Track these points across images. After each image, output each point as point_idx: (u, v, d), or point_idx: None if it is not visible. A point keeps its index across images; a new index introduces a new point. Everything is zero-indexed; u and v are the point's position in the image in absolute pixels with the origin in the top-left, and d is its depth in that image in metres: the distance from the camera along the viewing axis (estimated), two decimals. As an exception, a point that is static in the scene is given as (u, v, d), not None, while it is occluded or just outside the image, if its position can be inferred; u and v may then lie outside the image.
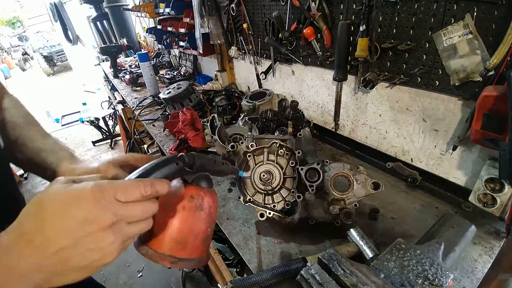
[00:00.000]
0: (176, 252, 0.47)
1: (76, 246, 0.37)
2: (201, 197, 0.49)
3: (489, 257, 0.81)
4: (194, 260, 0.49)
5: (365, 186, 0.85)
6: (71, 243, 0.36)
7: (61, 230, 0.36)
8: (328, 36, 1.22)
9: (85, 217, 0.37)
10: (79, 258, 0.37)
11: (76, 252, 0.37)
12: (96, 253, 0.38)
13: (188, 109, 1.55)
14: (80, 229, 0.37)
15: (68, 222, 0.37)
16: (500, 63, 0.75)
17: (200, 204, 0.49)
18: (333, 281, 0.62)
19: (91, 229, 0.37)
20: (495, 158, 0.88)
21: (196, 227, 0.48)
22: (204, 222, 0.50)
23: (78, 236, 0.37)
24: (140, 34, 4.02)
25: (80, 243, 0.37)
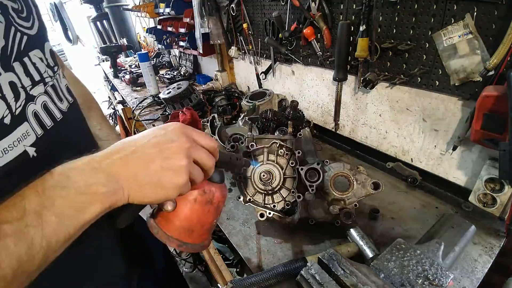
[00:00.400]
0: (183, 237, 0.53)
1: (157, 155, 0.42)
2: (212, 192, 0.54)
3: (489, 257, 0.81)
4: (198, 245, 0.55)
5: (365, 186, 0.85)
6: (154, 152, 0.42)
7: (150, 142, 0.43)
8: (328, 36, 1.22)
9: (166, 134, 0.44)
10: (156, 166, 0.42)
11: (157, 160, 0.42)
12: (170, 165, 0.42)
13: (188, 109, 1.55)
14: (164, 140, 0.43)
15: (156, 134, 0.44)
16: (500, 63, 0.75)
17: (211, 198, 0.53)
18: (333, 281, 0.62)
19: (170, 143, 0.43)
20: (495, 158, 0.88)
21: (203, 218, 0.54)
22: (211, 215, 0.55)
23: (161, 144, 0.43)
24: (140, 34, 4.02)
25: (161, 152, 0.42)
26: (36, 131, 0.46)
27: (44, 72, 0.50)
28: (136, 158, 0.41)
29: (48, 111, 0.50)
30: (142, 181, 0.41)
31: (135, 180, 0.41)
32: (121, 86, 2.85)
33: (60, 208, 0.35)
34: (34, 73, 0.48)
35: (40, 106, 0.48)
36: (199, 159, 0.47)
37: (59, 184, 0.36)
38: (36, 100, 0.47)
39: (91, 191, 0.37)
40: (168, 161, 0.42)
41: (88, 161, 0.39)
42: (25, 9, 0.48)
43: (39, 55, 0.50)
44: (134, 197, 0.41)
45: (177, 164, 0.43)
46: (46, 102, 0.50)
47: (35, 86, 0.47)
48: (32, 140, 0.45)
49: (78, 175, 0.37)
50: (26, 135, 0.44)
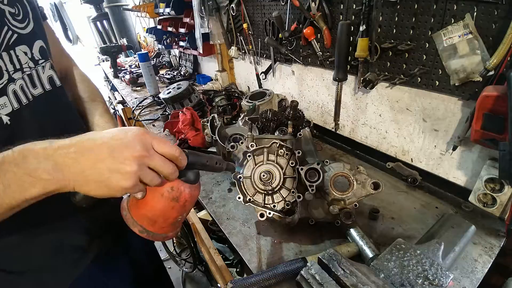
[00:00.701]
0: (146, 225, 0.57)
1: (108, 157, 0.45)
2: (180, 191, 0.56)
3: (489, 257, 0.81)
4: (159, 235, 0.59)
5: (365, 186, 0.85)
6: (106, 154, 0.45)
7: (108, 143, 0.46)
8: (328, 36, 1.22)
9: (124, 138, 0.46)
10: (104, 167, 0.45)
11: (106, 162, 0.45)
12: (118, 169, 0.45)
13: (188, 109, 1.55)
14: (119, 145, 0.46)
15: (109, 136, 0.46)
16: (500, 63, 0.75)
17: (177, 196, 0.56)
18: (333, 281, 0.62)
19: (123, 149, 0.46)
20: (495, 158, 0.88)
21: (167, 212, 0.57)
22: (175, 211, 0.58)
23: (111, 147, 0.45)
24: (140, 34, 4.02)
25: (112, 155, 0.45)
26: (13, 105, 0.58)
27: (25, 63, 0.62)
28: (89, 155, 0.45)
29: (24, 92, 0.62)
30: (88, 177, 0.45)
31: (81, 175, 0.45)
32: (121, 86, 2.85)
33: (7, 181, 0.42)
34: (16, 63, 0.60)
35: (19, 87, 0.60)
36: (153, 167, 0.49)
37: (14, 161, 0.43)
38: (16, 82, 0.59)
39: (35, 175, 0.43)
40: (117, 165, 0.45)
41: (45, 147, 0.44)
42: (22, 13, 0.61)
43: (24, 50, 0.61)
44: (80, 188, 0.46)
45: (125, 169, 0.46)
46: (22, 85, 0.61)
47: (16, 72, 0.59)
48: (8, 110, 0.57)
49: (32, 158, 0.43)
50: (3, 105, 0.56)
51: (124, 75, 2.91)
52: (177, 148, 0.52)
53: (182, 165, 0.54)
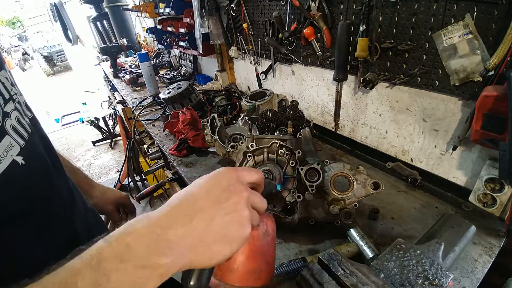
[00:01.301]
0: (255, 282, 0.47)
1: (219, 211, 0.39)
2: (265, 223, 0.49)
3: (489, 257, 0.81)
4: (270, 285, 0.50)
5: (365, 186, 0.85)
6: (215, 208, 0.39)
7: (209, 196, 0.39)
8: (328, 36, 1.22)
9: (228, 184, 0.41)
10: (219, 221, 0.38)
11: (219, 216, 0.38)
12: (235, 220, 0.39)
13: (188, 109, 1.55)
14: (221, 191, 0.40)
15: (210, 185, 0.41)
16: (500, 63, 0.75)
17: (266, 229, 0.49)
18: (333, 281, 0.61)
19: (228, 195, 0.40)
20: (495, 158, 0.88)
21: (266, 253, 0.49)
22: (271, 247, 0.50)
23: (221, 199, 0.39)
24: (140, 34, 4.02)
25: (220, 206, 0.39)
26: (18, 142, 0.51)
27: (11, 90, 0.54)
28: (198, 216, 0.37)
29: (21, 124, 0.54)
30: (208, 241, 0.37)
31: (199, 242, 0.36)
32: (121, 86, 2.86)
33: (116, 284, 0.30)
34: (4, 92, 0.52)
35: (15, 120, 0.52)
36: (254, 204, 0.44)
37: (117, 255, 0.31)
38: (10, 115, 0.51)
39: (151, 265, 0.32)
40: (232, 215, 0.39)
41: (148, 225, 0.35)
42: None
43: (5, 75, 0.54)
44: (198, 261, 0.37)
45: (240, 215, 0.40)
46: (18, 116, 0.54)
47: (7, 103, 0.51)
48: (17, 150, 0.49)
49: (137, 244, 0.33)
50: (11, 146, 0.48)
51: (124, 75, 2.91)
52: (259, 172, 0.48)
53: (262, 189, 0.49)
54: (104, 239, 0.33)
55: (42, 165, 0.58)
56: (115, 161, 4.38)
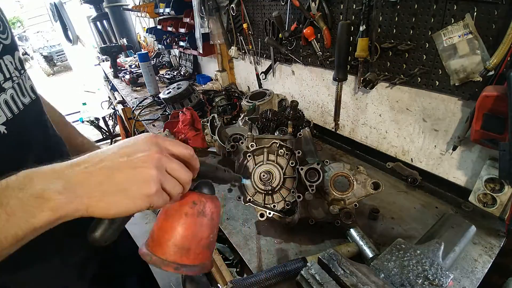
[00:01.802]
0: (179, 259, 0.47)
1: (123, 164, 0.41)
2: (203, 203, 0.49)
3: (489, 257, 0.81)
4: (197, 266, 0.49)
5: (365, 186, 0.85)
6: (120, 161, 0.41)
7: (119, 151, 0.42)
8: (328, 36, 1.22)
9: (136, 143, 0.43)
10: (122, 175, 0.40)
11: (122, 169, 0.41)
12: (137, 174, 0.41)
13: (188, 109, 1.55)
14: (133, 150, 0.42)
15: (120, 145, 0.43)
16: (500, 63, 0.75)
17: (202, 210, 0.49)
18: (333, 281, 0.62)
19: (139, 152, 0.42)
20: (495, 158, 0.88)
21: (198, 233, 0.49)
22: (206, 228, 0.50)
23: (126, 153, 0.41)
24: (140, 34, 4.02)
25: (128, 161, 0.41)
26: (6, 114, 0.58)
27: (12, 72, 0.62)
28: (102, 168, 0.40)
29: (14, 101, 0.62)
30: (106, 191, 0.40)
31: (98, 190, 0.39)
32: (121, 86, 2.85)
33: (12, 208, 0.36)
34: (6, 72, 0.60)
35: (9, 96, 0.60)
36: (170, 170, 0.44)
37: (19, 185, 0.37)
38: (6, 91, 0.59)
39: (44, 196, 0.37)
40: (136, 170, 0.41)
41: (53, 167, 0.40)
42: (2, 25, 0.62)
43: (9, 59, 0.62)
44: (95, 208, 0.39)
45: (145, 173, 0.41)
46: (13, 94, 0.61)
47: (6, 81, 0.59)
48: (3, 120, 0.57)
49: (39, 179, 0.38)
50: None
51: (124, 75, 2.91)
52: (191, 149, 0.48)
53: (196, 168, 0.49)
54: (17, 173, 0.39)
55: (25, 140, 0.63)
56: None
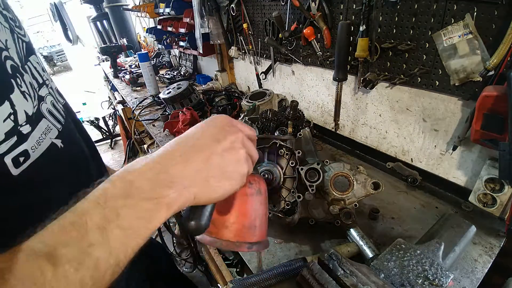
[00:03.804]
0: (250, 237, 0.49)
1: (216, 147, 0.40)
2: (257, 182, 0.51)
3: (489, 257, 0.81)
4: (263, 241, 0.52)
5: (365, 186, 0.85)
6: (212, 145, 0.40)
7: (206, 135, 0.41)
8: (328, 36, 1.22)
9: (217, 125, 0.43)
10: (217, 158, 0.40)
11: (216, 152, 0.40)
12: (232, 157, 0.41)
13: (188, 109, 1.55)
14: (218, 131, 0.41)
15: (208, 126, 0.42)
16: (500, 63, 0.75)
17: (259, 188, 0.51)
18: (333, 281, 0.62)
19: (225, 133, 0.41)
20: (495, 158, 0.88)
21: (259, 210, 0.51)
22: (264, 205, 0.53)
23: (213, 136, 0.41)
24: (140, 34, 4.02)
25: (219, 144, 0.40)
26: (56, 126, 0.52)
27: (43, 75, 0.54)
28: (196, 152, 0.38)
29: (56, 109, 0.55)
30: (207, 176, 0.38)
31: (199, 176, 0.38)
32: (121, 86, 2.85)
33: (126, 219, 0.31)
34: (38, 76, 0.52)
35: (51, 104, 0.53)
36: (248, 150, 0.45)
37: (122, 192, 0.32)
38: (45, 99, 0.52)
39: (156, 196, 0.33)
40: (230, 151, 0.41)
41: (147, 163, 0.36)
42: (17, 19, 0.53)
43: (36, 60, 0.54)
44: (201, 195, 0.38)
45: (238, 153, 0.41)
46: (53, 101, 0.54)
47: (41, 88, 0.51)
48: (55, 133, 0.51)
49: (140, 180, 0.34)
50: (48, 129, 0.49)
51: (124, 75, 2.91)
52: (254, 129, 0.48)
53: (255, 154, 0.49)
54: (107, 180, 0.33)
55: (79, 150, 0.59)
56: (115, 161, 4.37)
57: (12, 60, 0.44)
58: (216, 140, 0.40)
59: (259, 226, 0.51)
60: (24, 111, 0.43)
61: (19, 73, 0.45)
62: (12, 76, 0.42)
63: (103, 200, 0.31)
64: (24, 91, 0.44)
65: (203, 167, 0.38)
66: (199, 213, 0.40)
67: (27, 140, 0.43)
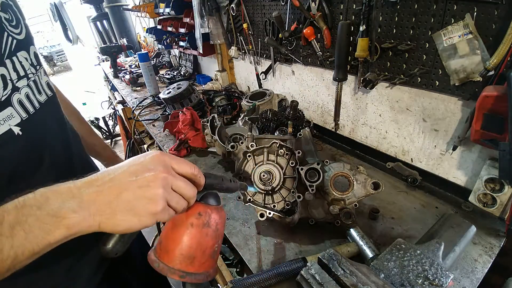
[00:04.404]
0: (185, 267, 0.50)
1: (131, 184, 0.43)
2: (208, 214, 0.52)
3: (489, 257, 0.81)
4: (202, 274, 0.52)
5: (365, 186, 0.85)
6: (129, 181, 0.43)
7: (128, 170, 0.44)
8: (328, 36, 1.22)
9: (143, 162, 0.45)
10: (130, 194, 0.43)
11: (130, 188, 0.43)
12: (144, 193, 0.43)
13: (188, 109, 1.55)
14: (141, 169, 0.44)
15: (128, 164, 0.45)
16: (500, 63, 0.75)
17: (208, 221, 0.52)
18: (333, 281, 0.62)
19: (145, 172, 0.44)
20: (495, 158, 0.88)
21: (203, 242, 0.52)
22: (211, 238, 0.53)
23: (133, 172, 0.44)
24: (140, 34, 4.02)
25: (136, 181, 0.43)
26: (20, 115, 0.57)
27: (28, 69, 0.61)
28: (112, 186, 0.43)
29: (30, 100, 0.61)
30: (115, 209, 0.42)
31: (107, 208, 0.42)
32: (121, 86, 2.85)
33: (30, 226, 0.39)
34: (20, 70, 0.59)
35: (24, 95, 0.59)
36: (176, 188, 0.47)
37: (36, 204, 0.40)
38: (20, 90, 0.58)
39: (60, 215, 0.40)
40: (143, 189, 0.43)
41: (69, 187, 0.42)
42: (15, 19, 0.61)
43: (24, 56, 0.61)
44: (106, 225, 0.42)
45: (151, 192, 0.43)
46: (28, 93, 0.60)
47: (20, 80, 0.58)
48: (17, 121, 0.56)
49: (55, 198, 0.40)
50: (10, 116, 0.54)
51: (124, 75, 2.91)
52: (195, 167, 0.50)
53: (201, 184, 0.52)
54: (34, 191, 0.41)
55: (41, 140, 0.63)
56: (115, 161, 4.37)
57: None
58: (134, 177, 0.44)
59: (200, 257, 0.51)
60: None
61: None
62: None
63: (21, 205, 0.39)
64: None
65: (113, 200, 0.42)
66: (113, 239, 0.46)
67: None
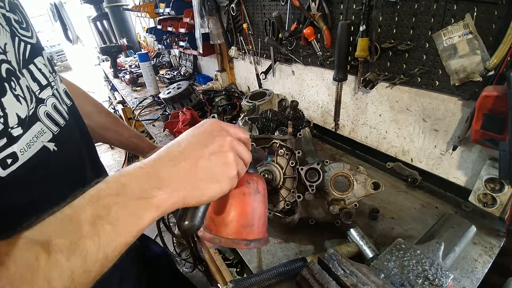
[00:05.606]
0: (247, 235, 0.51)
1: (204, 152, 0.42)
2: (255, 181, 0.53)
3: (489, 257, 0.81)
4: (262, 239, 0.54)
5: (365, 186, 0.85)
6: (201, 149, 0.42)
7: (194, 140, 0.43)
8: (328, 36, 1.22)
9: (206, 130, 0.44)
10: (205, 162, 0.41)
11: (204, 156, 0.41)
12: (220, 160, 0.42)
13: (188, 109, 1.55)
14: (206, 136, 0.43)
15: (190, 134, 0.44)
16: (500, 63, 0.75)
17: (257, 187, 0.53)
18: (333, 281, 0.61)
19: (213, 138, 0.43)
20: (495, 158, 0.88)
21: (257, 209, 0.53)
22: (262, 204, 0.54)
23: (201, 141, 0.43)
24: (140, 34, 4.02)
25: (207, 148, 0.42)
26: (51, 129, 0.52)
27: (49, 76, 0.55)
28: (186, 159, 0.41)
29: (58, 111, 0.55)
30: (196, 179, 0.41)
31: (188, 179, 0.40)
32: (121, 86, 2.85)
33: (116, 216, 0.34)
34: (41, 78, 0.52)
35: (51, 107, 0.53)
36: (238, 152, 0.46)
37: (114, 191, 0.35)
38: (46, 102, 0.52)
39: (146, 196, 0.36)
40: (216, 155, 0.42)
41: (140, 167, 0.39)
42: (24, 21, 0.53)
43: (42, 62, 0.54)
44: (190, 197, 0.40)
45: (225, 156, 0.43)
46: (55, 103, 0.55)
47: (43, 90, 0.52)
48: (49, 136, 0.51)
49: (132, 182, 0.37)
50: (42, 132, 0.49)
51: (124, 75, 2.91)
52: (246, 132, 0.50)
53: (250, 149, 0.50)
54: (102, 181, 0.37)
55: (75, 153, 0.60)
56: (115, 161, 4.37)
57: (9, 63, 0.44)
58: (204, 145, 0.42)
59: (257, 224, 0.53)
60: (16, 114, 0.43)
61: (15, 76, 0.45)
62: (6, 79, 0.43)
63: (96, 198, 0.34)
64: (18, 95, 0.44)
65: (191, 171, 0.40)
66: (192, 214, 0.43)
67: (17, 142, 0.44)
